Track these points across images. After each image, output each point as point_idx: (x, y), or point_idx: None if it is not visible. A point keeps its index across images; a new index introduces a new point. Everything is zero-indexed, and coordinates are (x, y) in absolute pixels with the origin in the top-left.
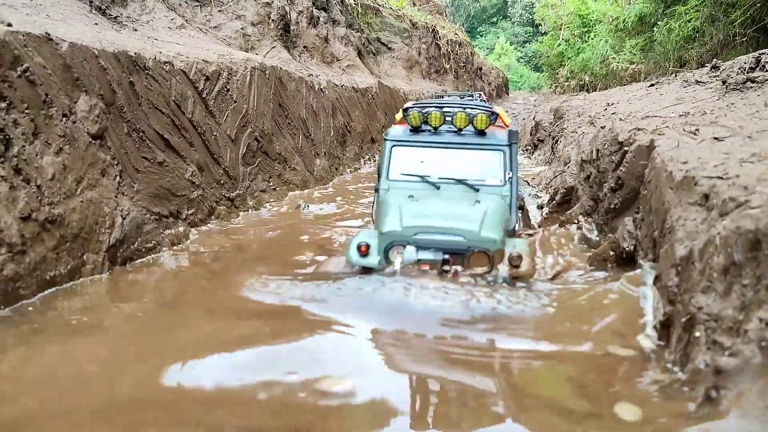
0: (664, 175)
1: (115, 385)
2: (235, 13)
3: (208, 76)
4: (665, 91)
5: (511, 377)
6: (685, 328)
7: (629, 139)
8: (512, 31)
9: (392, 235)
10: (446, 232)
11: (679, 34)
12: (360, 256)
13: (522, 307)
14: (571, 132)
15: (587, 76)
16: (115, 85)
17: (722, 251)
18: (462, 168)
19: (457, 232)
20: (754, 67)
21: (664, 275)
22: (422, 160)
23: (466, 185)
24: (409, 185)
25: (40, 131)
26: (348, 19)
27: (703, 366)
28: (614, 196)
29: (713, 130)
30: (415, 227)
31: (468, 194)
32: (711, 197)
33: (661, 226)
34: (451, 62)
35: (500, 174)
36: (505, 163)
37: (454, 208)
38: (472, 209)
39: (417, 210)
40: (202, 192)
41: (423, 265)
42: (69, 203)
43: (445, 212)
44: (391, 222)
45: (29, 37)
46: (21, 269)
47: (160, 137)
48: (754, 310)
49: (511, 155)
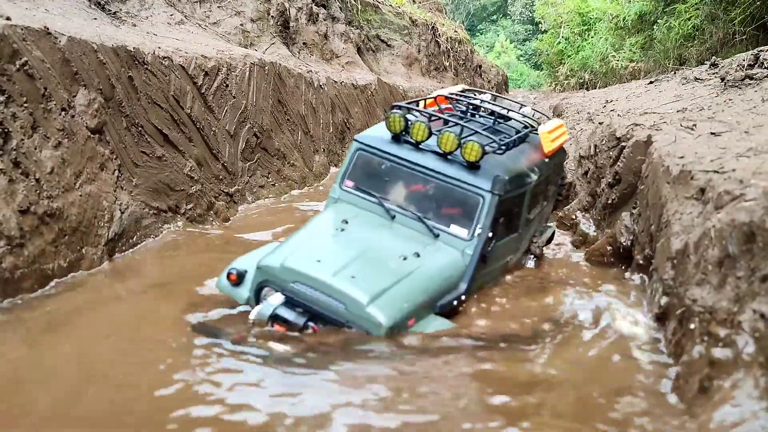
0: (661, 169)
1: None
2: (235, 9)
3: (207, 71)
4: (664, 89)
5: None
6: (680, 320)
7: (627, 135)
8: (512, 29)
9: (267, 272)
10: (329, 293)
11: (679, 32)
12: (230, 284)
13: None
14: (570, 129)
15: (587, 74)
16: (114, 80)
17: (717, 244)
18: (430, 202)
19: (341, 296)
20: (752, 65)
21: (661, 268)
22: (387, 178)
23: (426, 225)
24: (361, 203)
25: (38, 125)
26: (347, 16)
27: (698, 357)
28: (612, 191)
29: (710, 126)
30: (297, 272)
31: (420, 239)
32: (707, 191)
33: (658, 221)
34: (450, 60)
35: (470, 225)
36: (481, 214)
37: (374, 257)
38: (393, 266)
39: (322, 247)
40: (200, 187)
41: (279, 326)
42: (68, 197)
43: (354, 262)
44: (275, 255)
45: (28, 31)
46: (20, 262)
47: (158, 132)
48: (748, 302)
49: (491, 207)
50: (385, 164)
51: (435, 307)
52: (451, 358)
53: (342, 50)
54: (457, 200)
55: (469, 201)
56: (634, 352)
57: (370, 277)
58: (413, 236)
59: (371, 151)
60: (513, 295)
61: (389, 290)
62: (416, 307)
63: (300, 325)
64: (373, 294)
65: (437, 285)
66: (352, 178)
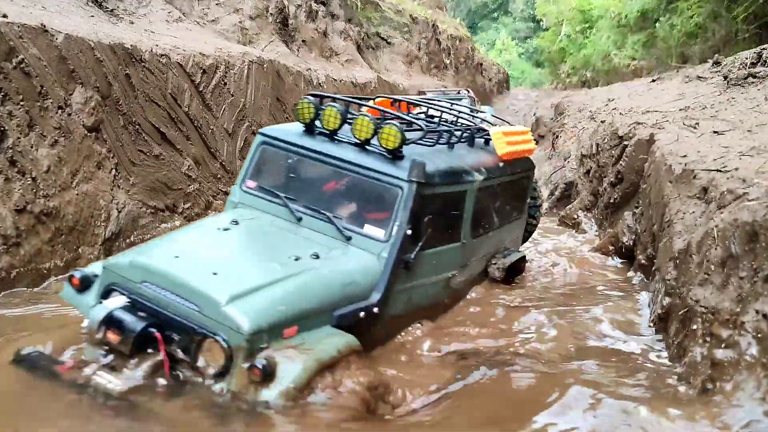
0: (663, 168)
1: None
2: (233, 6)
3: (205, 69)
4: (666, 87)
5: None
6: (682, 321)
7: (629, 134)
8: (513, 27)
9: (114, 272)
10: (179, 292)
11: (681, 30)
12: (73, 289)
13: None
14: (572, 127)
15: (589, 72)
16: (111, 78)
17: (720, 244)
18: (345, 201)
19: (194, 296)
20: (755, 63)
21: (663, 268)
22: (295, 175)
23: (336, 227)
24: (264, 206)
25: (35, 123)
26: (347, 13)
27: (700, 358)
28: (614, 190)
29: (713, 124)
30: (146, 269)
31: (327, 242)
32: (710, 190)
33: (660, 220)
34: (451, 58)
35: (387, 223)
36: (399, 207)
37: (255, 257)
38: (276, 266)
39: (190, 245)
40: (198, 186)
41: (112, 334)
42: (64, 196)
43: (225, 260)
44: (129, 253)
45: (25, 29)
46: (16, 261)
47: (156, 130)
48: (751, 302)
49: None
50: (293, 159)
51: (332, 319)
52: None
53: (341, 48)
54: (374, 196)
55: (387, 196)
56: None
57: (238, 275)
58: (318, 239)
59: (277, 144)
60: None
61: (261, 290)
62: (299, 313)
63: (136, 332)
64: (236, 293)
65: (335, 291)
66: (254, 177)
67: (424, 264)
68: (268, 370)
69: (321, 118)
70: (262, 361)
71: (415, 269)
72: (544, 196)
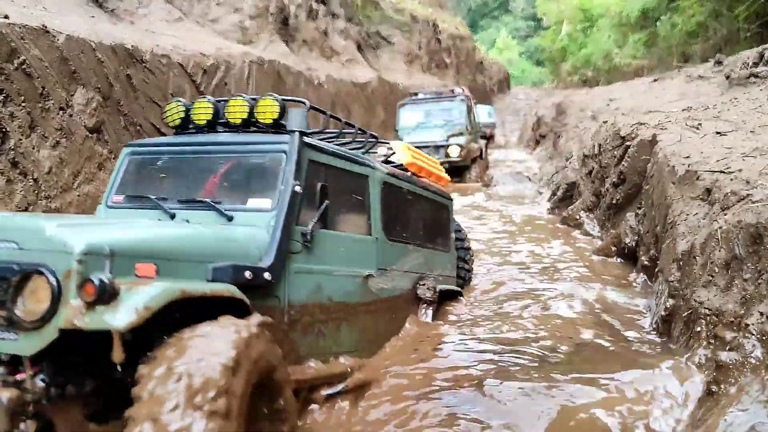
0: (666, 169)
1: None
2: (233, 6)
3: (206, 69)
4: (668, 87)
5: None
6: (686, 323)
7: (631, 134)
8: (514, 26)
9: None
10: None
11: (682, 29)
12: None
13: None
14: (573, 127)
15: (590, 72)
16: (112, 78)
17: (724, 245)
18: (226, 186)
19: (11, 233)
20: (757, 62)
21: (666, 270)
22: (167, 175)
23: (216, 210)
24: (136, 215)
25: (36, 124)
26: (347, 13)
27: (704, 360)
28: (616, 191)
29: (716, 125)
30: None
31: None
32: (713, 191)
33: (663, 221)
34: (451, 57)
35: (272, 192)
36: (286, 169)
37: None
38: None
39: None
40: None
41: None
42: (66, 197)
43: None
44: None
45: (26, 30)
46: None
47: (157, 131)
48: (755, 304)
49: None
50: (163, 160)
51: (207, 272)
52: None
53: (342, 47)
54: (258, 171)
55: (271, 164)
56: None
57: (87, 221)
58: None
59: (146, 150)
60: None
61: (107, 225)
62: (156, 250)
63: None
64: (70, 223)
65: (207, 240)
66: (122, 191)
67: (327, 247)
68: (106, 286)
69: (191, 113)
70: (99, 275)
71: (317, 249)
72: (543, 200)
